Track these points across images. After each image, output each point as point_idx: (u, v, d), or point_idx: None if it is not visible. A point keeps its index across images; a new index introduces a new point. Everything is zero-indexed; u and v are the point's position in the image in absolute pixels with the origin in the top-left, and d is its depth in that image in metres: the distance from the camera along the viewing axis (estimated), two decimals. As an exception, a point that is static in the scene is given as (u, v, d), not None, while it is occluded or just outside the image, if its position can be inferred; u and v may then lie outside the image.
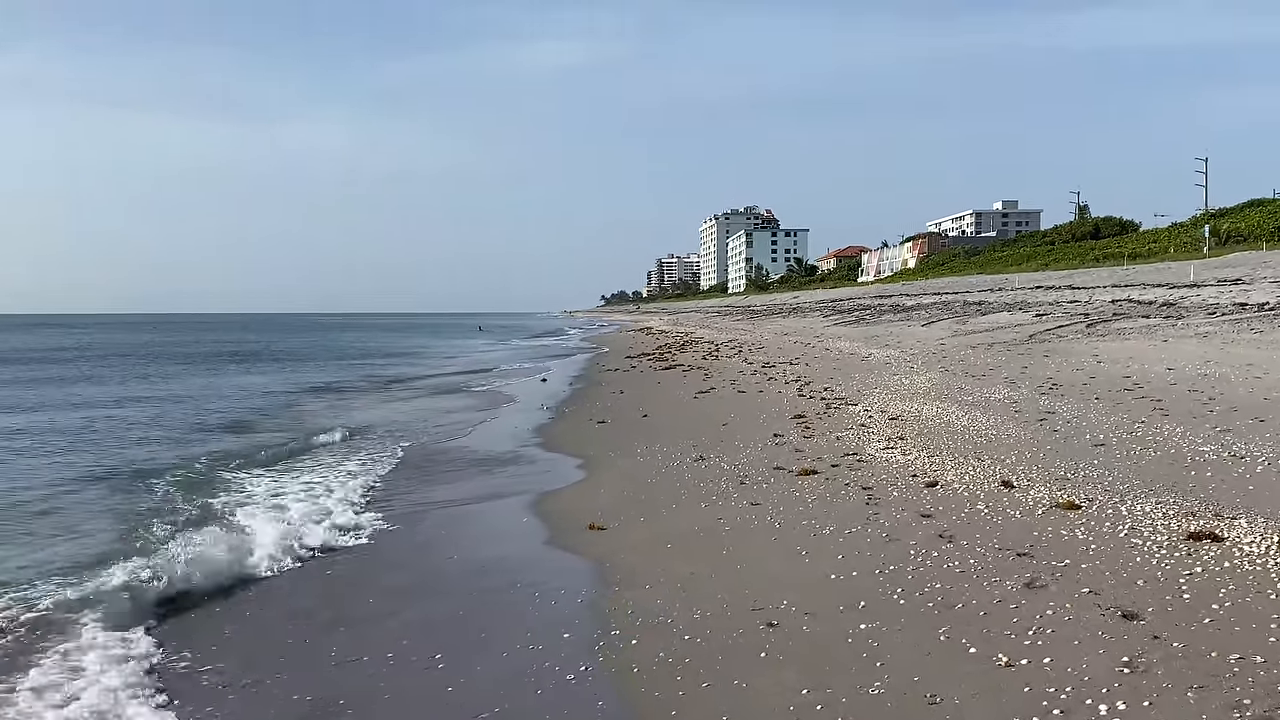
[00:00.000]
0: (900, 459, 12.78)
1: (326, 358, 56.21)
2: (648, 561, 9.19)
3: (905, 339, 35.53)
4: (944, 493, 10.66)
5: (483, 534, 11.39)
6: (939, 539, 8.88)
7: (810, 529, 9.77)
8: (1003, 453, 12.49)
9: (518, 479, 14.34)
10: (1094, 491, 9.98)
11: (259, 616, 8.41)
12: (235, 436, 19.98)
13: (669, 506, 11.49)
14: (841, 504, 10.67)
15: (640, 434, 17.61)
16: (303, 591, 9.09)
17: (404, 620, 8.07)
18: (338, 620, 8.12)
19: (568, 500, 12.47)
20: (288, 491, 13.65)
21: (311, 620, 8.17)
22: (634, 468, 14.27)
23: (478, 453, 16.92)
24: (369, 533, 11.21)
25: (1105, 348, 24.07)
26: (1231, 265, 49.43)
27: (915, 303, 57.89)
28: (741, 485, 12.22)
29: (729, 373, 28.79)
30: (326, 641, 7.63)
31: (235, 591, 9.09)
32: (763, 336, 49.81)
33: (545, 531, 10.86)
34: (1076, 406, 15.62)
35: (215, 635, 7.90)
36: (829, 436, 15.21)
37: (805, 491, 11.46)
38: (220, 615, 8.46)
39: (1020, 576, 7.61)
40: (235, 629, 8.07)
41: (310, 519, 11.66)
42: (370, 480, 14.46)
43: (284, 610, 8.51)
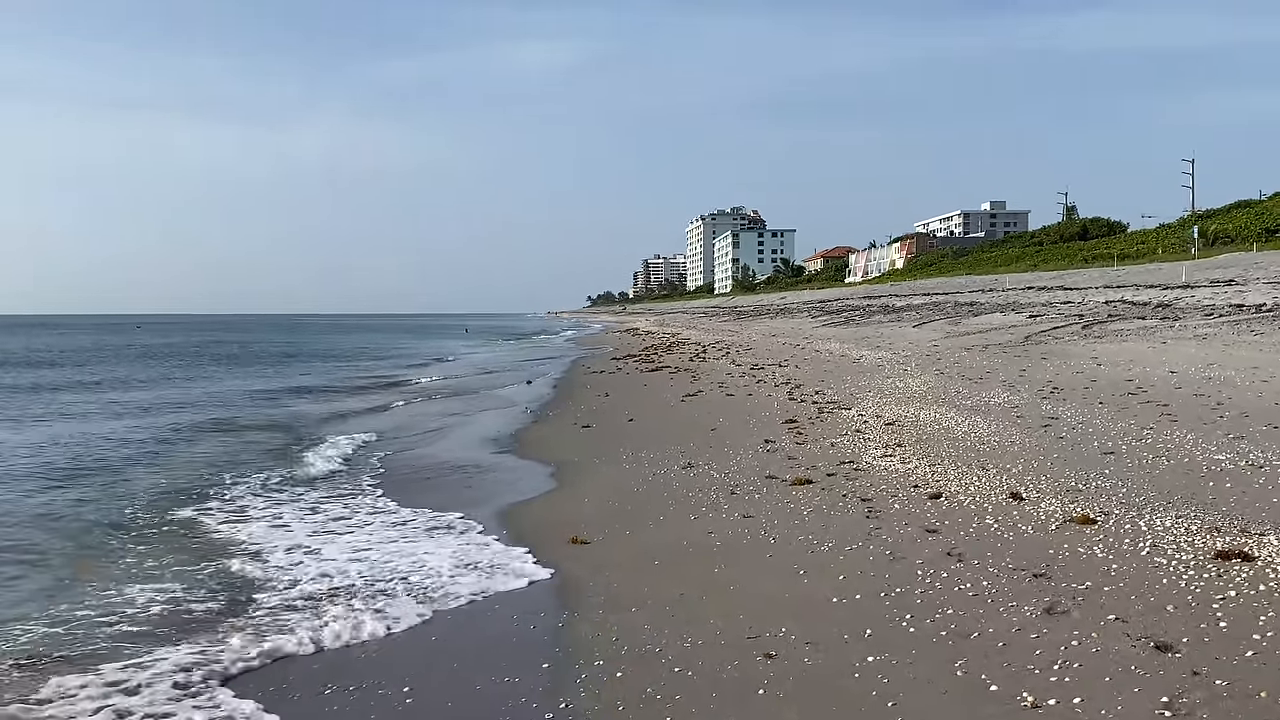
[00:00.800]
0: (899, 468, 12.17)
1: (310, 359, 55.47)
2: (634, 580, 8.55)
3: (897, 340, 34.98)
4: (949, 505, 10.05)
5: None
6: (947, 557, 8.26)
7: (807, 545, 9.15)
8: (1008, 461, 11.90)
9: (495, 487, 13.67)
10: (1109, 504, 9.38)
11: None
12: (195, 446, 19.28)
13: (656, 519, 10.86)
14: (840, 517, 10.05)
15: (626, 439, 16.97)
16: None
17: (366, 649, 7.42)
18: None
19: (548, 510, 11.82)
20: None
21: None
22: (619, 476, 13.63)
23: (450, 461, 16.23)
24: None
25: (1104, 350, 23.54)
26: (1223, 266, 49.11)
27: (905, 303, 57.40)
28: (733, 495, 11.59)
29: (717, 375, 28.18)
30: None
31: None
32: (750, 338, 49.23)
33: (524, 544, 10.20)
34: (1080, 411, 15.04)
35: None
36: (823, 443, 14.60)
37: (800, 503, 10.84)
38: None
39: (1039, 601, 6.99)
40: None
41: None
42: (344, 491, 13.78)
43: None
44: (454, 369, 43.58)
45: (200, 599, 8.48)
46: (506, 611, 8.03)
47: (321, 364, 49.98)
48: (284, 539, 10.66)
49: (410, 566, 9.40)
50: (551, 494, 12.87)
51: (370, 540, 10.59)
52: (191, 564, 9.64)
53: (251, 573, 9.29)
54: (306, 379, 38.25)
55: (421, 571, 9.22)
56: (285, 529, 11.18)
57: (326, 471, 15.32)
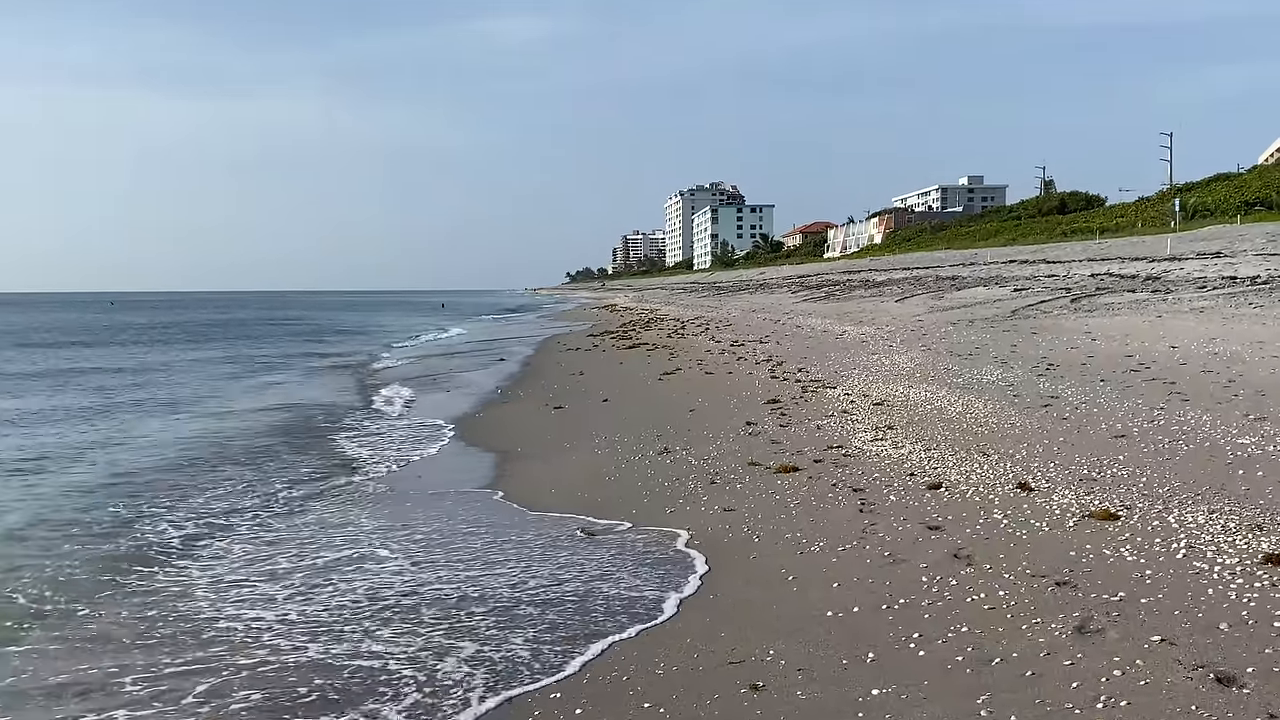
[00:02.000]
0: (892, 453, 11.20)
1: (281, 335, 54.13)
2: (600, 588, 7.55)
3: (880, 315, 34.05)
4: (950, 497, 9.08)
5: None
6: (955, 560, 7.29)
7: (795, 544, 8.16)
8: (1010, 446, 10.94)
9: (448, 475, 12.63)
10: (1129, 496, 8.42)
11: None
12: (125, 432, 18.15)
13: (628, 512, 9.86)
14: (830, 511, 9.07)
15: (599, 421, 15.97)
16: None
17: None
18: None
19: (512, 499, 10.80)
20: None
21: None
22: (590, 463, 12.63)
23: (410, 443, 15.18)
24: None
25: (1096, 324, 22.65)
26: (1207, 239, 48.42)
27: (886, 278, 56.50)
28: (712, 485, 10.61)
29: (695, 352, 27.18)
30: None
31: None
32: (730, 313, 48.23)
33: (480, 542, 9.18)
34: (1081, 390, 14.11)
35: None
36: (808, 425, 13.63)
37: (786, 494, 9.86)
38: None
39: (1067, 617, 6.02)
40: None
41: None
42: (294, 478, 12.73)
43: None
44: (424, 346, 42.40)
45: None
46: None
47: (287, 340, 48.64)
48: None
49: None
50: (517, 486, 11.82)
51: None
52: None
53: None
54: (262, 353, 36.99)
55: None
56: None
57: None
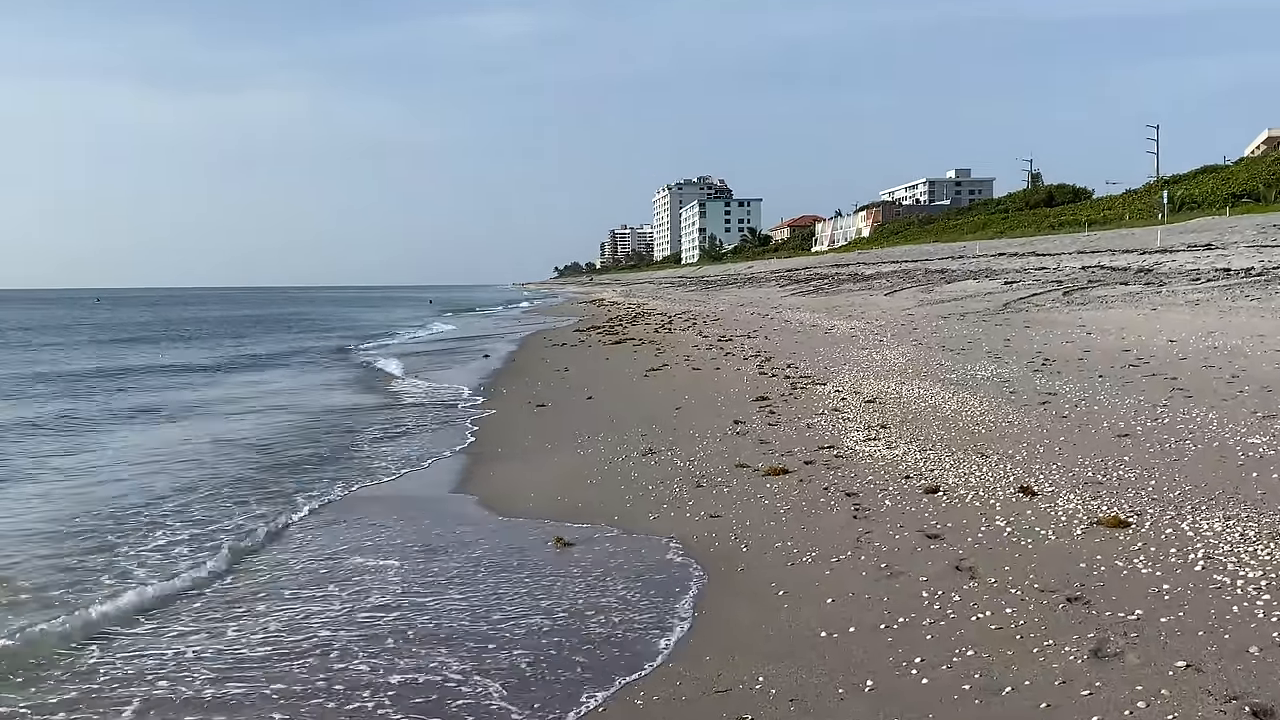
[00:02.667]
0: (886, 454, 10.73)
1: (262, 333, 53.51)
2: (578, 604, 7.06)
3: (869, 309, 33.61)
4: (948, 502, 8.61)
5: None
6: (957, 573, 6.81)
7: (786, 555, 7.68)
8: (1008, 446, 10.48)
9: (421, 477, 12.12)
10: (1138, 501, 7.96)
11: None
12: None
13: (609, 518, 9.37)
14: (822, 517, 8.59)
15: (583, 420, 15.48)
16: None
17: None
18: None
19: (488, 505, 10.30)
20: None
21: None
22: (572, 464, 12.13)
23: (382, 444, 14.67)
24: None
25: (1090, 317, 22.23)
26: (1197, 230, 48.10)
27: (874, 271, 56.08)
28: (698, 489, 10.12)
29: (683, 348, 26.70)
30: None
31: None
32: (718, 308, 47.76)
33: (445, 556, 8.68)
34: (1080, 386, 13.66)
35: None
36: (798, 424, 13.15)
37: (776, 498, 9.38)
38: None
39: (1082, 638, 5.55)
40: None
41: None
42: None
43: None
44: (408, 343, 41.82)
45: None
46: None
47: (270, 339, 48.00)
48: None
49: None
50: (496, 489, 11.32)
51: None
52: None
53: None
54: (241, 352, 36.40)
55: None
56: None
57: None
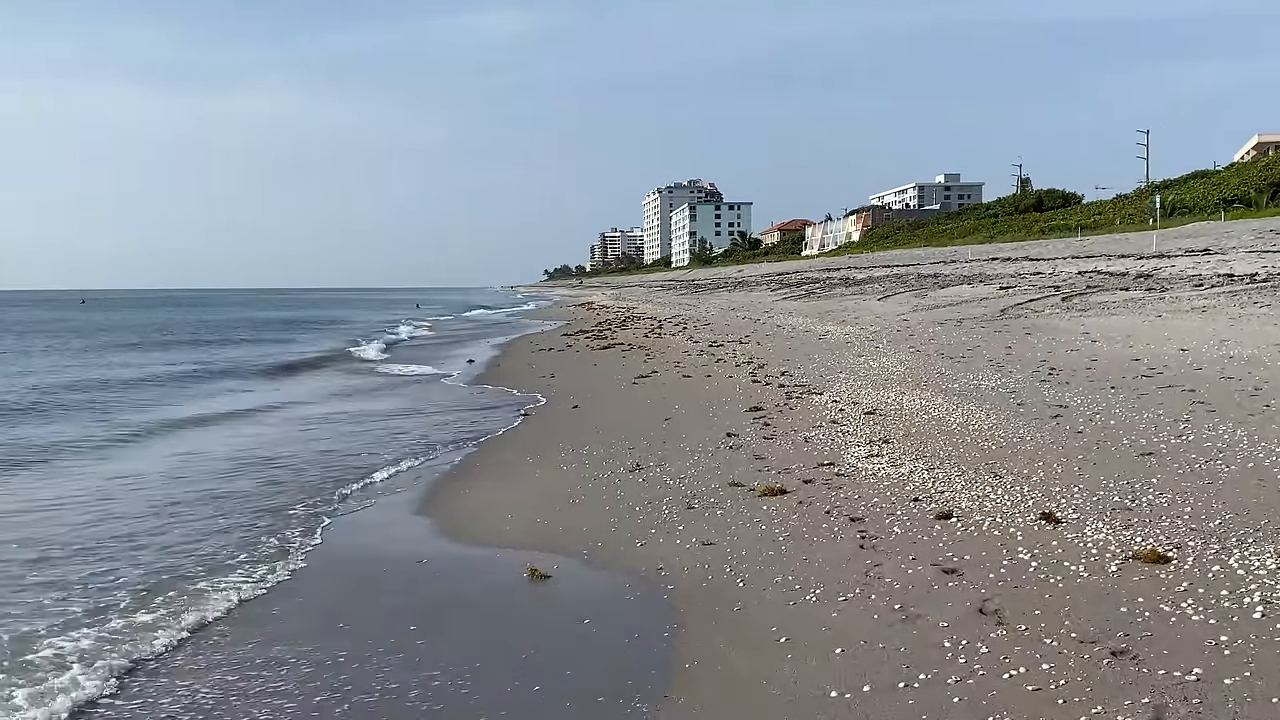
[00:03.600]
0: (891, 472, 9.96)
1: (238, 339, 52.62)
2: (554, 649, 6.28)
3: (863, 314, 32.87)
4: (963, 530, 7.84)
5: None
6: (981, 617, 6.05)
7: (787, 592, 6.91)
8: (1022, 464, 9.72)
9: (393, 497, 11.33)
10: (1176, 532, 7.20)
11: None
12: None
13: (592, 544, 8.59)
14: (826, 546, 7.81)
15: (568, 431, 14.72)
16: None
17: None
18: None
19: (459, 532, 9.51)
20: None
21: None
22: (554, 481, 11.35)
23: (350, 458, 13.86)
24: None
25: (1094, 324, 21.52)
26: (1193, 236, 47.63)
27: (866, 276, 55.42)
28: (689, 511, 9.34)
29: (673, 353, 25.93)
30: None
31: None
32: (708, 312, 46.99)
33: (383, 603, 7.89)
34: (1092, 398, 12.91)
35: None
36: (794, 437, 12.38)
37: (774, 523, 8.60)
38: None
39: (1135, 704, 4.77)
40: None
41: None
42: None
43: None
44: (388, 347, 40.98)
45: None
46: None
47: (248, 343, 47.10)
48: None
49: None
50: (469, 511, 10.54)
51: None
52: None
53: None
54: (225, 354, 35.52)
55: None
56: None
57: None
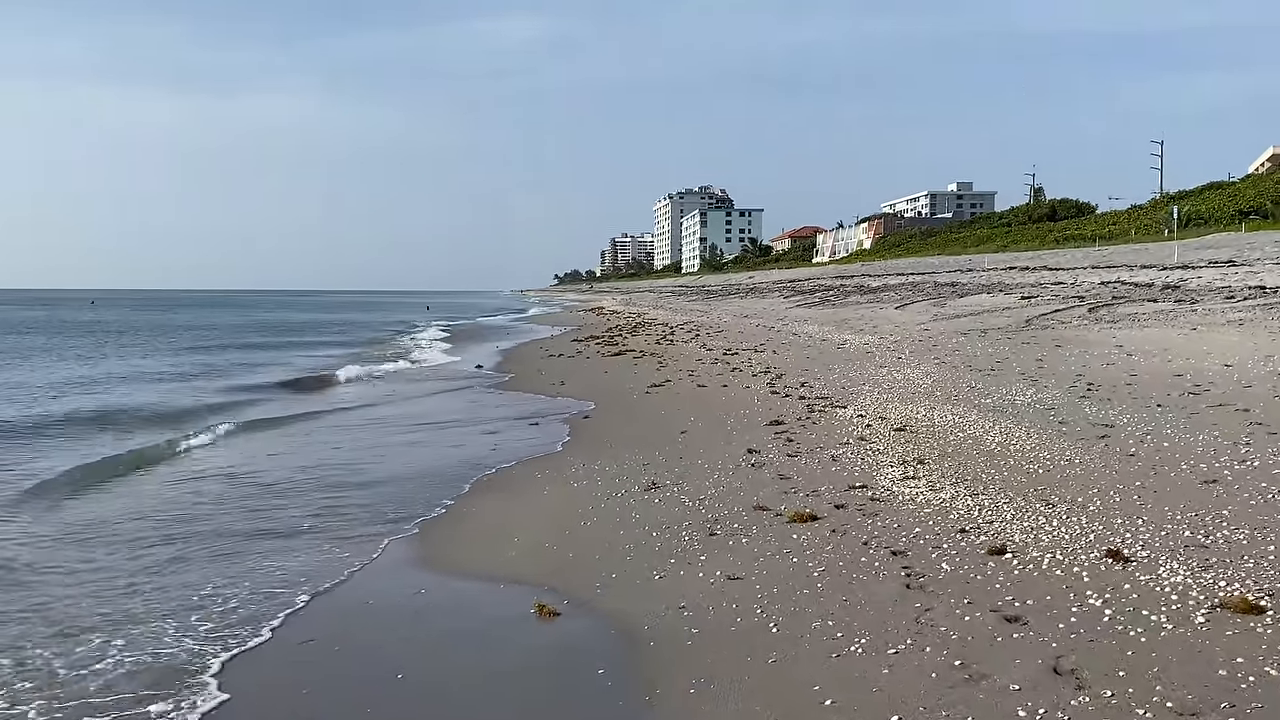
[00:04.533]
0: (930, 498, 9.17)
1: (241, 343, 52.02)
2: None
3: (881, 323, 32.06)
4: (1021, 568, 7.05)
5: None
6: (1056, 679, 5.25)
7: (828, 641, 6.13)
8: (1075, 491, 8.93)
9: (392, 518, 10.58)
10: (1264, 575, 6.40)
11: None
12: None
13: (606, 575, 7.82)
14: (867, 585, 7.02)
15: (579, 444, 13.99)
16: None
17: None
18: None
19: (458, 561, 8.75)
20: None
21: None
22: (564, 500, 10.59)
23: (346, 472, 13.12)
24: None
25: (1125, 336, 20.69)
26: (1214, 246, 46.71)
27: (881, 283, 54.57)
28: (711, 538, 8.56)
29: (686, 361, 25.17)
30: None
31: None
32: (721, 318, 46.21)
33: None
34: (1138, 417, 12.10)
35: None
36: (820, 455, 11.60)
37: (806, 555, 7.82)
38: None
39: (1263, 801, 4.01)
40: None
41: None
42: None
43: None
44: (395, 351, 40.28)
45: None
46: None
47: (254, 349, 46.44)
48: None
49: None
50: (471, 534, 9.79)
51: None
52: None
53: None
54: (215, 360, 34.84)
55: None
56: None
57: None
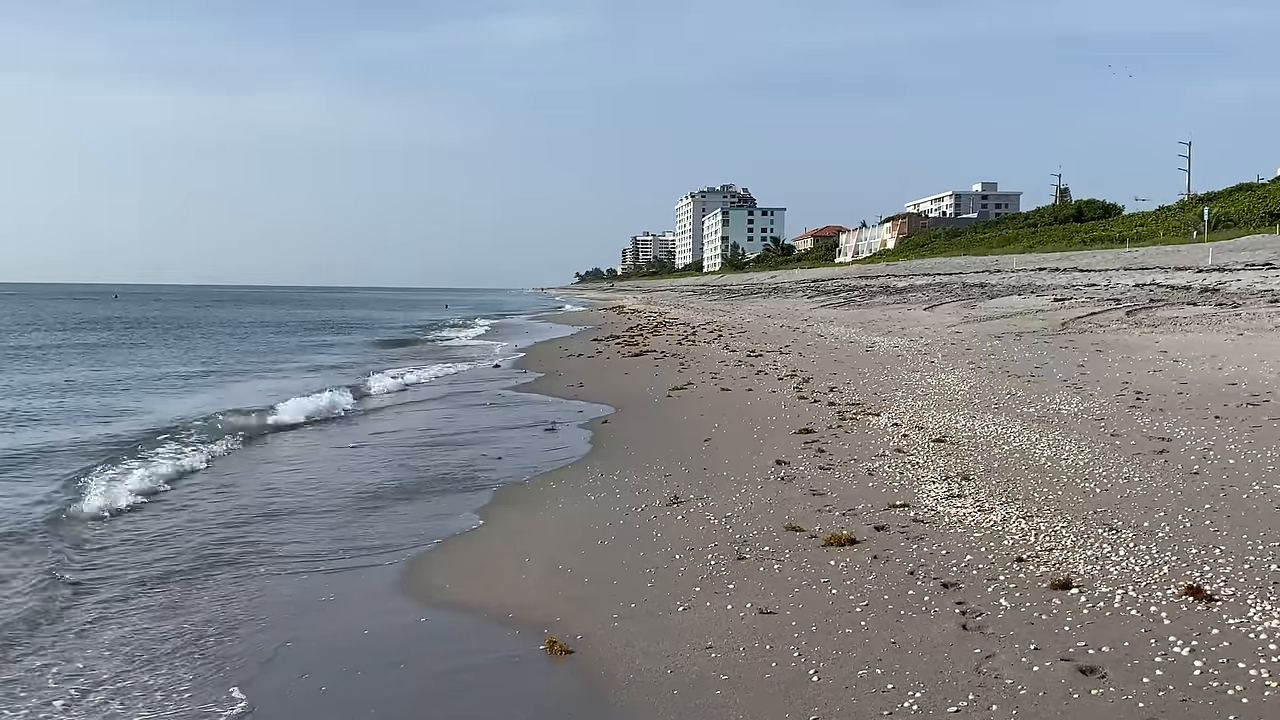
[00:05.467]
0: (979, 519, 8.41)
1: (247, 346, 51.61)
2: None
3: (909, 325, 31.25)
4: (1090, 605, 6.28)
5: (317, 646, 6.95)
6: (1150, 750, 4.51)
7: (878, 696, 5.37)
8: (1138, 513, 8.15)
9: (390, 529, 9.89)
10: (1374, 620, 5.64)
11: None
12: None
13: (624, 605, 7.09)
14: (917, 624, 6.27)
15: (597, 452, 13.30)
16: None
17: None
18: None
19: (466, 586, 8.04)
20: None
21: None
22: (580, 515, 9.87)
23: (364, 475, 12.46)
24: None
25: (1169, 341, 19.86)
26: (1249, 249, 45.63)
27: (907, 284, 53.71)
28: (740, 563, 7.83)
29: (708, 362, 24.45)
30: None
31: None
32: (743, 319, 45.45)
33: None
34: (1195, 429, 11.31)
35: None
36: (855, 467, 10.86)
37: (846, 586, 7.07)
38: None
39: None
40: None
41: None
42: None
43: None
44: (410, 351, 39.72)
45: None
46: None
47: (264, 349, 45.99)
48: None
49: None
50: (474, 549, 9.09)
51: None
52: None
53: None
54: (223, 358, 34.36)
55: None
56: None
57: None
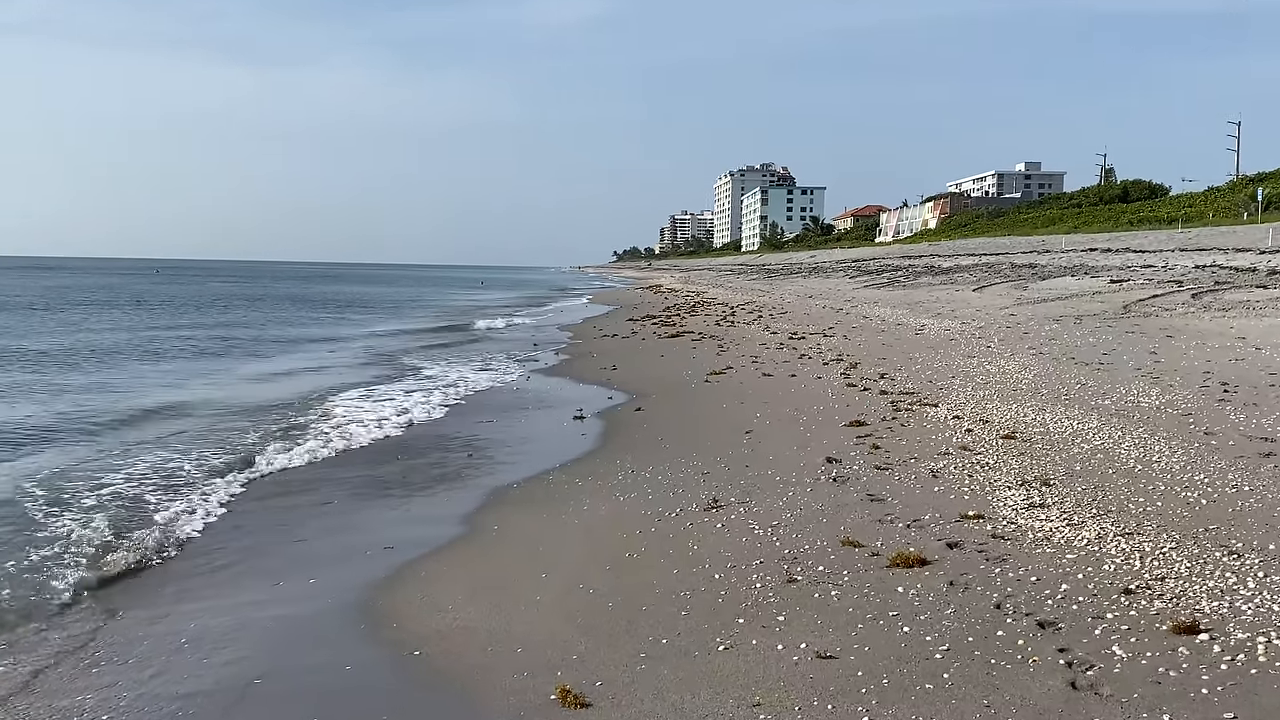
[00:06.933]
0: (1070, 536, 7.21)
1: (275, 319, 50.99)
2: None
3: (959, 306, 29.85)
4: (1227, 658, 5.10)
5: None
6: None
7: (973, 779, 4.25)
8: (1260, 533, 6.93)
9: (403, 528, 8.83)
10: None
11: None
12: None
13: (654, 640, 5.97)
14: (1013, 680, 5.10)
15: (628, 443, 12.17)
16: None
17: None
18: None
19: (465, 609, 6.94)
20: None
21: None
22: (607, 520, 8.75)
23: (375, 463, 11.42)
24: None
25: (1244, 326, 18.45)
26: (1313, 230, 43.86)
27: (952, 264, 52.10)
28: (790, 586, 6.69)
29: (748, 344, 23.27)
30: None
31: None
32: (783, 299, 44.11)
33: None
34: (1304, 429, 10.04)
35: None
36: (917, 468, 9.67)
37: (920, 622, 5.91)
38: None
39: None
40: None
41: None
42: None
43: None
44: (470, 324, 38.80)
45: None
46: None
47: (295, 323, 45.27)
48: None
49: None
50: (476, 561, 8.00)
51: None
52: None
53: None
54: (250, 333, 33.53)
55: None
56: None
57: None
